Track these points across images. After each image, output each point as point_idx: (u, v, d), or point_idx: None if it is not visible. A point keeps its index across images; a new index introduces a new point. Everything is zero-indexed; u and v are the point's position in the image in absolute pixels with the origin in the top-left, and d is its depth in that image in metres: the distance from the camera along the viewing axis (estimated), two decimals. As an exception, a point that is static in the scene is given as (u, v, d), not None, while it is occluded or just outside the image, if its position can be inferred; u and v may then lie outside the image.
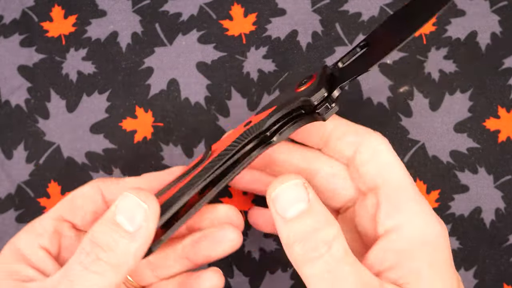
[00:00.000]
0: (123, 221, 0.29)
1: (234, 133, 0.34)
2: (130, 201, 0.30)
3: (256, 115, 0.35)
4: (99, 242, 0.29)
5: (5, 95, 0.45)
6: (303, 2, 0.44)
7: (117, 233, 0.29)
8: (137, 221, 0.29)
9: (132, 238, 0.29)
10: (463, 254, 0.42)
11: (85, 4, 0.45)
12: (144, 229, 0.29)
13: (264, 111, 0.34)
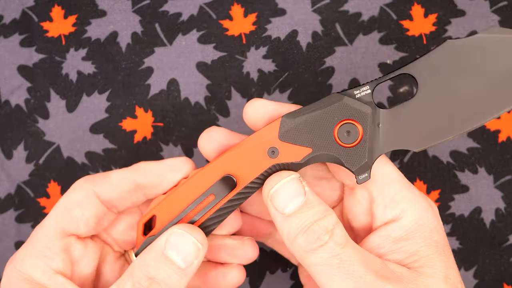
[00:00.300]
0: (176, 257, 0.30)
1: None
2: (184, 239, 0.31)
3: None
4: (156, 278, 0.30)
5: (5, 95, 0.44)
6: (303, 2, 0.44)
7: (171, 270, 0.30)
8: (190, 259, 0.31)
9: (183, 275, 0.30)
10: (463, 254, 0.42)
11: (85, 4, 0.45)
12: (195, 265, 0.31)
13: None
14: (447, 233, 0.42)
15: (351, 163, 0.31)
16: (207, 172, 0.32)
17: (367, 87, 0.32)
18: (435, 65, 0.32)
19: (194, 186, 0.33)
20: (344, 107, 0.31)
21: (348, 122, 0.31)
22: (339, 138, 0.31)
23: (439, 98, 0.32)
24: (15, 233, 0.44)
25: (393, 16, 0.44)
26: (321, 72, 0.43)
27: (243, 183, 0.32)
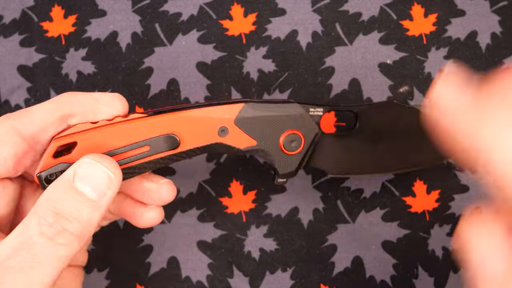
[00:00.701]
0: (85, 189, 0.28)
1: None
2: (93, 168, 0.28)
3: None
4: (63, 212, 0.27)
5: (5, 95, 0.44)
6: (303, 2, 0.44)
7: (81, 202, 0.28)
8: (102, 189, 0.28)
9: (96, 207, 0.28)
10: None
11: (85, 4, 0.45)
12: (108, 197, 0.29)
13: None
14: (446, 233, 0.42)
15: (282, 167, 0.35)
16: (152, 123, 0.32)
17: (321, 109, 0.35)
18: (375, 115, 0.37)
19: (133, 130, 0.31)
20: (299, 119, 0.35)
21: (296, 133, 0.35)
22: (283, 143, 0.35)
23: (367, 141, 0.37)
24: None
25: (393, 16, 0.43)
26: (321, 72, 0.43)
27: (184, 148, 0.33)
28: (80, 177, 0.28)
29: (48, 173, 0.30)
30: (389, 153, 0.37)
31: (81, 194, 0.28)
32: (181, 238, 0.43)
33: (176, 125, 0.32)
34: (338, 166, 0.37)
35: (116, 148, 0.31)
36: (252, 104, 0.34)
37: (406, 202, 0.43)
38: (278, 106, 0.34)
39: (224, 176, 0.43)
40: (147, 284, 0.43)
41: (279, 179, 0.36)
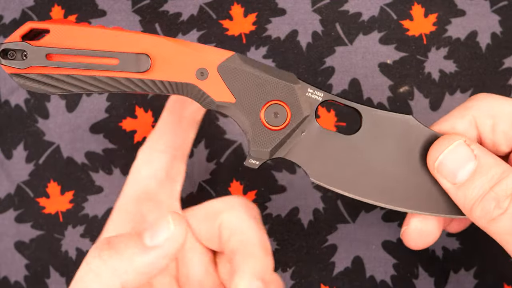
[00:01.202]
0: (146, 234, 0.29)
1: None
2: (162, 221, 0.29)
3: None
4: (113, 243, 0.28)
5: (5, 95, 0.44)
6: (303, 2, 0.44)
7: (133, 242, 0.28)
8: (159, 239, 0.29)
9: (143, 252, 0.28)
10: (463, 254, 0.42)
11: (85, 4, 0.45)
12: (160, 249, 0.29)
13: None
14: (447, 233, 0.42)
15: (256, 141, 0.30)
16: (129, 37, 0.29)
17: (322, 94, 0.30)
18: (385, 127, 0.31)
19: (108, 37, 0.29)
20: (291, 91, 0.30)
21: (283, 106, 0.30)
22: (265, 112, 0.30)
23: (366, 154, 0.31)
24: (15, 233, 0.44)
25: (393, 16, 0.43)
26: (321, 72, 0.43)
27: (154, 76, 0.29)
28: (149, 225, 0.29)
29: (7, 47, 0.29)
30: (386, 180, 0.31)
31: (140, 236, 0.29)
32: (181, 238, 0.43)
33: (153, 47, 0.29)
34: (324, 172, 0.31)
35: (85, 48, 0.29)
36: (244, 57, 0.30)
37: (406, 202, 0.43)
38: (273, 70, 0.30)
39: (224, 176, 0.43)
40: (147, 284, 0.43)
41: (250, 159, 0.30)
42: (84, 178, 0.44)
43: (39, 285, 0.43)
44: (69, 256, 0.43)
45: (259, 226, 0.32)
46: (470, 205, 0.28)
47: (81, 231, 0.43)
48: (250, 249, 0.30)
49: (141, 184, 0.35)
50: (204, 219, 0.34)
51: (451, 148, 0.29)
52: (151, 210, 0.35)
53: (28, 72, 0.29)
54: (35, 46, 0.29)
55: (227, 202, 0.33)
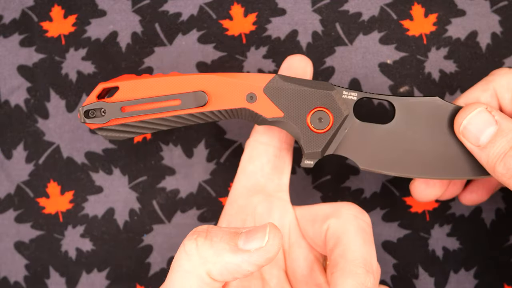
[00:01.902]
0: (241, 236, 0.29)
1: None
2: (260, 229, 0.30)
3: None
4: (211, 234, 0.29)
5: (5, 95, 0.44)
6: (303, 2, 0.44)
7: (228, 239, 0.29)
8: (251, 245, 0.29)
9: (233, 251, 0.29)
10: (463, 254, 0.42)
11: (85, 4, 0.45)
12: (248, 255, 0.29)
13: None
14: (447, 234, 0.42)
15: (308, 145, 0.34)
16: (186, 79, 0.35)
17: (355, 94, 0.35)
18: (415, 111, 0.35)
19: (168, 83, 0.35)
20: (329, 97, 0.34)
21: (325, 111, 0.34)
22: (310, 119, 0.34)
23: (403, 137, 0.35)
24: (15, 233, 0.44)
25: (393, 16, 0.43)
26: (321, 72, 0.43)
27: (212, 107, 0.34)
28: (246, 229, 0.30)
29: (88, 108, 0.35)
30: (426, 155, 0.35)
31: (236, 234, 0.30)
32: (181, 238, 0.43)
33: (207, 84, 0.35)
34: (371, 159, 0.35)
35: (151, 96, 0.35)
36: (284, 76, 0.35)
37: (406, 202, 0.43)
38: (309, 82, 0.35)
39: (224, 176, 0.43)
40: (147, 284, 0.43)
41: (305, 160, 0.35)
42: (84, 178, 0.44)
43: (39, 285, 0.43)
44: (69, 256, 0.43)
45: (366, 239, 0.32)
46: (493, 163, 0.32)
47: (81, 231, 0.43)
48: (350, 266, 0.31)
49: (250, 178, 0.36)
50: (312, 221, 0.35)
51: (473, 114, 0.33)
52: (260, 202, 0.36)
53: (109, 125, 0.35)
54: (111, 103, 0.35)
55: (337, 209, 0.34)
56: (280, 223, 0.36)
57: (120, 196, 0.43)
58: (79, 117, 0.35)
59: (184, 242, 0.30)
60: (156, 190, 0.43)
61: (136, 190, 0.43)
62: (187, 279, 0.29)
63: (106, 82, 0.35)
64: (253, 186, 0.36)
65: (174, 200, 0.43)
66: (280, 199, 0.37)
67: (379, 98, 0.35)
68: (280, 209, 0.36)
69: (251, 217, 0.36)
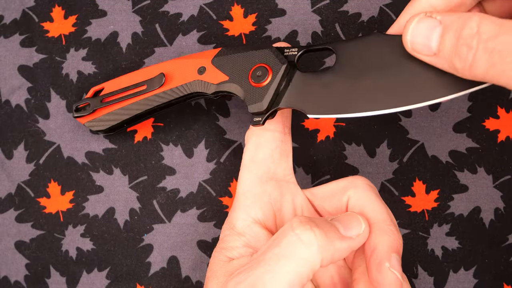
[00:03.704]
0: (339, 226, 0.32)
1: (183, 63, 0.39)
2: (353, 218, 0.33)
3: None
4: (320, 224, 0.31)
5: (5, 95, 0.45)
6: (303, 2, 0.44)
7: (333, 228, 0.31)
8: (352, 232, 0.32)
9: (341, 238, 0.31)
10: (462, 254, 0.42)
11: (85, 4, 0.45)
12: (352, 241, 0.32)
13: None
14: (446, 233, 0.42)
15: (250, 99, 0.36)
16: (151, 68, 0.40)
17: (296, 49, 0.36)
18: (357, 51, 0.34)
19: (137, 74, 0.41)
20: (266, 54, 0.36)
21: (264, 66, 0.36)
22: (251, 76, 0.36)
23: (348, 77, 0.33)
24: (15, 233, 0.44)
25: (393, 16, 0.44)
26: (321, 72, 0.43)
27: (170, 86, 0.39)
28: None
29: (78, 104, 0.42)
30: (375, 89, 0.33)
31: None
32: (181, 238, 0.43)
33: (165, 68, 0.40)
34: (317, 106, 0.34)
35: (126, 86, 0.41)
36: (230, 47, 0.38)
37: (405, 202, 0.43)
38: (250, 47, 0.37)
39: (224, 176, 0.43)
40: (147, 284, 0.43)
41: (253, 118, 0.35)
42: (85, 178, 0.44)
43: (39, 285, 0.43)
44: (70, 256, 0.43)
45: (384, 203, 0.35)
46: (452, 63, 0.29)
47: (81, 230, 0.43)
48: (384, 225, 0.33)
49: (260, 166, 0.37)
50: (330, 197, 0.36)
51: (413, 25, 0.30)
52: (275, 187, 0.37)
53: (94, 116, 0.41)
54: (93, 98, 0.41)
55: (353, 181, 0.36)
56: (292, 206, 0.37)
57: (120, 195, 0.44)
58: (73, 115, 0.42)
59: (297, 232, 0.30)
60: (156, 190, 0.44)
61: (136, 189, 0.44)
62: (301, 266, 0.30)
63: (95, 86, 0.42)
64: (265, 174, 0.37)
65: (174, 200, 0.43)
66: (289, 182, 0.38)
67: (320, 48, 0.36)
68: (291, 192, 0.37)
69: (268, 205, 0.37)
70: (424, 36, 0.30)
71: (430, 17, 0.30)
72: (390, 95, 0.32)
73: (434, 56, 0.30)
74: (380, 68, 0.33)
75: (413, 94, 0.32)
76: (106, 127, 0.41)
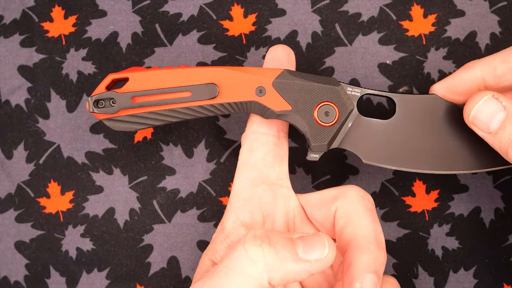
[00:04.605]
0: (300, 245, 0.30)
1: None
2: (317, 239, 0.30)
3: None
4: (273, 240, 0.30)
5: (5, 95, 0.45)
6: (303, 2, 0.44)
7: (288, 247, 0.30)
8: (311, 256, 0.30)
9: (295, 260, 0.30)
10: (462, 254, 0.42)
11: (85, 4, 0.45)
12: (308, 265, 0.30)
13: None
14: (446, 233, 0.42)
15: (315, 138, 0.36)
16: (197, 71, 0.35)
17: (359, 90, 0.36)
18: (414, 108, 0.37)
19: (179, 75, 0.35)
20: (335, 92, 0.36)
21: (331, 105, 0.36)
22: (317, 113, 0.36)
23: (403, 132, 0.37)
24: (15, 233, 0.44)
25: (393, 16, 0.44)
26: (321, 72, 0.43)
27: (222, 100, 0.35)
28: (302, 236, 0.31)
29: (98, 98, 0.35)
30: (425, 150, 0.37)
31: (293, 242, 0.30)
32: (181, 238, 0.43)
33: (218, 77, 0.35)
34: (373, 153, 0.37)
35: (162, 87, 0.35)
36: (291, 71, 0.36)
37: (405, 202, 0.43)
38: (316, 77, 0.36)
39: (224, 176, 0.43)
40: (147, 284, 0.43)
41: (311, 153, 0.36)
42: (85, 178, 0.44)
43: (39, 285, 0.43)
44: (70, 256, 0.43)
45: (373, 218, 0.33)
46: (506, 148, 0.33)
47: (81, 230, 0.43)
48: (364, 242, 0.32)
49: (252, 170, 0.37)
50: (320, 205, 0.35)
51: (481, 103, 0.34)
52: (265, 191, 0.37)
53: (118, 115, 0.35)
54: (121, 93, 0.35)
55: (344, 191, 0.35)
56: (285, 210, 0.37)
57: (120, 196, 0.44)
58: (87, 108, 0.36)
59: (245, 246, 0.30)
60: (156, 190, 0.44)
61: (136, 190, 0.44)
62: (247, 283, 0.29)
63: (116, 73, 0.35)
64: (257, 177, 0.37)
65: (174, 200, 0.43)
66: (282, 186, 0.37)
67: (381, 94, 0.36)
68: (284, 196, 0.37)
69: (257, 208, 0.36)
70: (487, 116, 0.33)
71: (496, 99, 0.33)
72: (437, 158, 0.37)
73: (490, 134, 0.34)
74: (433, 130, 0.36)
75: (457, 162, 0.37)
76: (130, 129, 0.36)
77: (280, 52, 0.38)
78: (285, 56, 0.38)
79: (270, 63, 0.38)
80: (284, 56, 0.38)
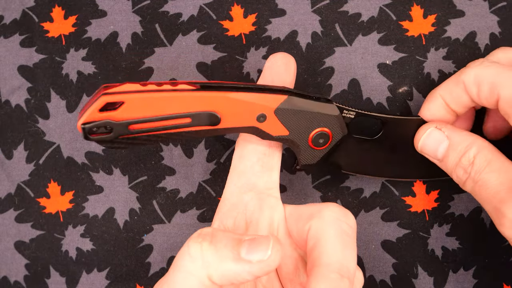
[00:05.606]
0: (244, 245, 0.30)
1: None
2: (263, 241, 0.30)
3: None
4: (216, 238, 0.30)
5: (5, 95, 0.45)
6: (303, 2, 0.44)
7: (231, 247, 0.30)
8: (253, 257, 0.29)
9: (235, 260, 0.29)
10: (462, 254, 0.42)
11: (85, 4, 0.45)
12: (249, 266, 0.29)
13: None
14: (446, 233, 0.42)
15: (304, 159, 0.38)
16: (198, 97, 0.33)
17: (354, 113, 0.37)
18: (400, 128, 0.39)
19: (178, 100, 0.32)
20: (333, 120, 0.36)
21: (327, 132, 0.37)
22: (312, 138, 0.36)
23: (386, 149, 0.39)
24: (15, 233, 0.44)
25: (393, 16, 0.44)
26: (321, 72, 0.43)
27: (223, 126, 0.34)
28: (249, 237, 0.30)
29: (92, 126, 0.31)
30: (405, 164, 0.40)
31: (240, 243, 0.30)
32: (181, 238, 0.43)
33: (220, 104, 0.33)
34: (353, 165, 0.40)
35: (160, 115, 0.32)
36: (295, 98, 0.35)
37: (405, 202, 0.43)
38: (317, 104, 0.36)
39: (224, 176, 0.43)
40: (146, 284, 0.43)
41: (297, 167, 0.38)
42: (84, 178, 0.44)
43: (39, 285, 0.43)
44: (69, 256, 0.43)
45: (346, 243, 0.31)
46: (450, 173, 0.37)
47: (81, 231, 0.43)
48: (325, 270, 0.30)
49: (240, 177, 0.37)
50: (297, 220, 0.34)
51: (426, 134, 0.37)
52: (252, 199, 0.37)
53: (115, 141, 0.33)
54: (117, 122, 0.32)
55: (320, 209, 0.33)
56: (269, 220, 0.36)
57: (120, 196, 0.44)
58: (79, 131, 0.32)
59: (188, 243, 0.30)
60: (156, 190, 0.44)
61: (136, 190, 0.44)
62: (188, 280, 0.29)
63: (109, 95, 0.31)
64: (244, 184, 0.37)
65: (174, 200, 0.43)
66: (270, 195, 0.37)
67: (372, 115, 0.38)
68: (270, 206, 0.36)
69: (242, 215, 0.36)
70: (433, 145, 0.37)
71: (439, 129, 0.37)
72: (415, 170, 0.41)
73: (438, 161, 0.37)
74: (411, 145, 0.39)
75: (425, 172, 0.41)
76: (125, 148, 0.36)
77: (279, 61, 0.37)
78: (283, 65, 0.37)
79: (267, 72, 0.37)
80: (282, 65, 0.37)
